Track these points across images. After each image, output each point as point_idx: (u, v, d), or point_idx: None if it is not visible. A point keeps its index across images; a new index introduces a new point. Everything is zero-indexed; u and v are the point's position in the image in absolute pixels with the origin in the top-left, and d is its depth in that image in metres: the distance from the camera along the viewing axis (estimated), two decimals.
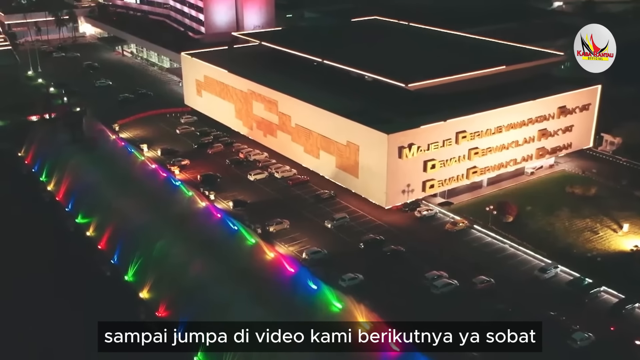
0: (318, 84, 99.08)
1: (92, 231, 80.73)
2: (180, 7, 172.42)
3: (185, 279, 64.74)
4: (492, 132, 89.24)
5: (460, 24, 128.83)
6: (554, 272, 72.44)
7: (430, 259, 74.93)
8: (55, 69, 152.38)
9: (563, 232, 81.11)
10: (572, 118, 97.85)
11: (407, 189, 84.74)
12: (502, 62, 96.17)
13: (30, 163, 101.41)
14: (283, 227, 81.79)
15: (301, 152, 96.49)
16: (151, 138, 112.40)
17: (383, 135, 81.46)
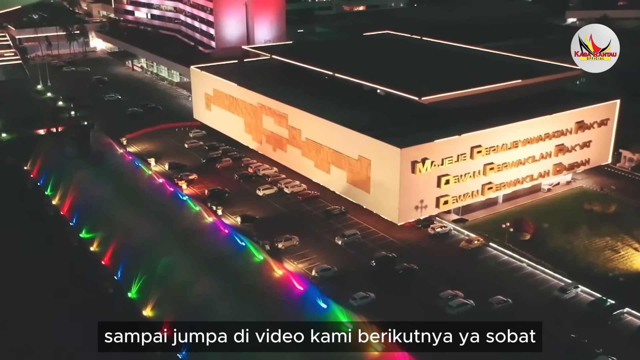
0: (329, 97, 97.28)
1: (96, 246, 78.77)
2: (191, 21, 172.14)
3: (190, 297, 62.52)
4: (508, 147, 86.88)
5: (473, 39, 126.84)
6: (574, 292, 69.70)
7: (445, 277, 72.33)
8: (65, 83, 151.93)
9: (583, 251, 78.32)
10: (590, 133, 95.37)
11: (420, 205, 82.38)
12: (517, 76, 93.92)
13: (36, 176, 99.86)
14: (292, 243, 79.74)
15: (311, 166, 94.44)
16: (159, 152, 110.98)
17: (396, 150, 79.26)
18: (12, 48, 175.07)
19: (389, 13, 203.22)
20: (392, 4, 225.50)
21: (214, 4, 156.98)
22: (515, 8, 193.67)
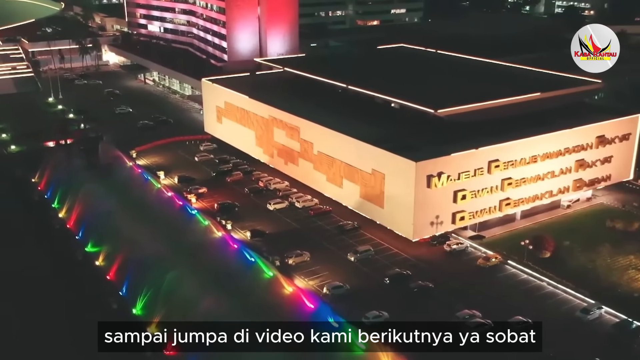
0: (342, 110, 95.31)
1: (102, 261, 76.86)
2: (203, 35, 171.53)
3: (196, 315, 60.25)
4: (527, 161, 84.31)
5: (490, 53, 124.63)
6: (597, 313, 66.83)
7: (462, 296, 69.57)
8: (76, 96, 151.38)
9: (605, 270, 75.22)
10: (611, 148, 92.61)
11: (435, 221, 79.85)
12: (536, 89, 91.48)
13: (43, 189, 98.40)
14: (303, 259, 77.48)
15: (323, 180, 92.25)
16: (169, 165, 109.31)
17: (411, 163, 76.92)
18: (24, 61, 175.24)
19: (403, 27, 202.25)
20: (406, 18, 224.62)
21: (227, 17, 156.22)
22: (532, 23, 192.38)
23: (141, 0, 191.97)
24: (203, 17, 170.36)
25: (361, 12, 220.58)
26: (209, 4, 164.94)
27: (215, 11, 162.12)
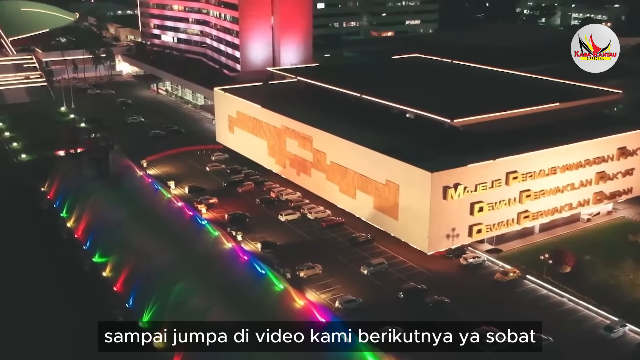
0: (356, 120, 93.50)
1: (109, 271, 75.21)
2: (216, 45, 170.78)
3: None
4: (546, 173, 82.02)
5: (507, 63, 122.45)
6: (621, 331, 64.37)
7: (479, 312, 67.12)
8: (89, 106, 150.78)
9: (629, 286, 72.71)
10: (632, 160, 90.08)
11: (451, 234, 77.59)
12: (555, 99, 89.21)
13: (52, 198, 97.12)
14: (315, 272, 75.71)
15: (336, 191, 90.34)
16: (180, 175, 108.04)
17: (426, 174, 74.83)
18: (38, 70, 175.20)
19: (418, 38, 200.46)
20: (420, 29, 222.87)
21: (240, 27, 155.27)
22: (547, 34, 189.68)
23: (155, 10, 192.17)
24: (216, 27, 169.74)
25: (375, 23, 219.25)
26: (223, 14, 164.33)
27: (229, 21, 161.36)
